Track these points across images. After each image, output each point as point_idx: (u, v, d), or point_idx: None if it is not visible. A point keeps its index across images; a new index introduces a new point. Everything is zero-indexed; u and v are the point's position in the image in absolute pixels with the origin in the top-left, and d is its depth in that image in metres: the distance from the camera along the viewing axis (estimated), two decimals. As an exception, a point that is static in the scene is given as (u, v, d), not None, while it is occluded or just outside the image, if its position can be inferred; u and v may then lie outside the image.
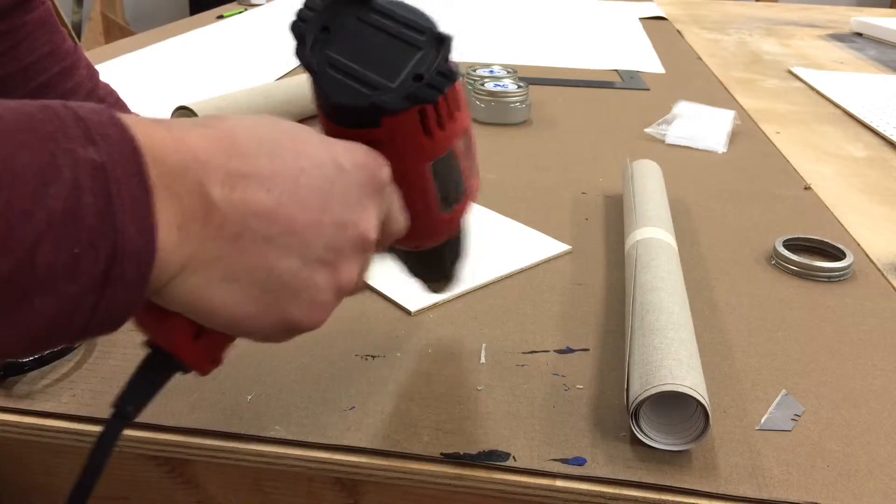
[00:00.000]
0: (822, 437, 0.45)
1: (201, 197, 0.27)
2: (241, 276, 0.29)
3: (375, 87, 0.33)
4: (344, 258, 0.32)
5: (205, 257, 0.28)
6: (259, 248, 0.29)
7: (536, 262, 0.65)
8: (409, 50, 0.34)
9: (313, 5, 0.34)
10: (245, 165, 0.28)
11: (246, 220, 0.28)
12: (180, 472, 0.45)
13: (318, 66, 0.33)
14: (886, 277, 0.65)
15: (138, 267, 0.25)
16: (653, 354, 0.45)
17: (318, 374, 0.49)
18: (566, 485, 0.42)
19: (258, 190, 0.28)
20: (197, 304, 0.28)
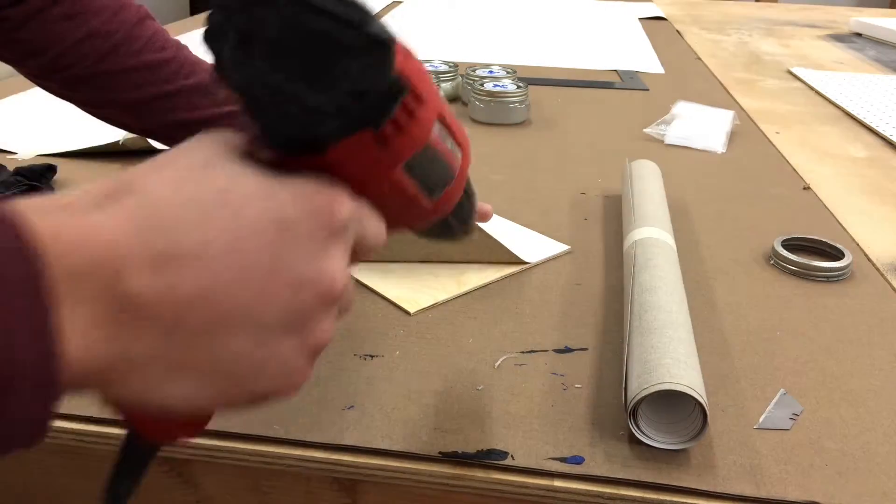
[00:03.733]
0: (821, 436, 0.45)
1: (121, 293, 0.23)
2: (189, 368, 0.25)
3: (312, 111, 0.27)
4: (310, 317, 0.28)
5: (141, 356, 0.24)
6: (202, 337, 0.25)
7: (536, 262, 0.65)
8: (344, 57, 0.27)
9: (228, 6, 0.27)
10: (171, 244, 0.24)
11: (178, 310, 0.24)
12: (179, 472, 0.45)
13: (241, 86, 0.28)
14: (886, 277, 0.65)
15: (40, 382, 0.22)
16: (651, 353, 0.45)
17: (316, 374, 0.49)
18: (565, 485, 0.42)
19: (191, 271, 0.24)
20: (150, 403, 0.25)
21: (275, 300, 0.27)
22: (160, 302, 0.24)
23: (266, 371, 0.27)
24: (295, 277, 0.27)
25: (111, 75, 0.62)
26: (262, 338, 0.27)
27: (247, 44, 0.27)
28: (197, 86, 0.63)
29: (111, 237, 0.24)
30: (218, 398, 0.27)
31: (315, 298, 0.28)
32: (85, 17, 0.61)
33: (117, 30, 0.62)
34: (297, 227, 0.27)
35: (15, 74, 0.67)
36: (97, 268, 0.23)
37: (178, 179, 0.26)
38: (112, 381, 0.24)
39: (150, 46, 0.63)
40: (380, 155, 0.30)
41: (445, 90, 1.13)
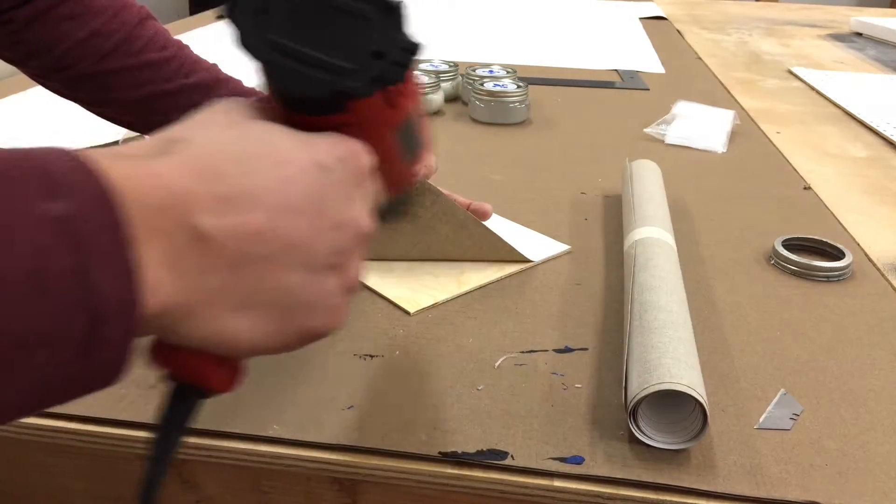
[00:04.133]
0: (821, 435, 0.45)
1: (190, 230, 0.25)
2: (252, 302, 0.28)
3: (335, 72, 0.30)
4: (348, 257, 0.31)
5: (209, 290, 0.26)
6: (263, 271, 0.27)
7: (536, 262, 0.65)
8: (360, 23, 0.30)
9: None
10: (229, 188, 0.27)
11: (242, 245, 0.27)
12: (179, 472, 0.45)
13: (264, 53, 0.30)
14: (886, 277, 0.65)
15: (122, 323, 0.23)
16: (651, 353, 0.45)
17: (316, 374, 0.49)
18: (564, 485, 0.42)
19: (248, 211, 0.27)
20: (215, 338, 0.27)
21: (321, 238, 0.29)
22: (226, 239, 0.26)
23: (315, 306, 0.30)
24: (335, 218, 0.30)
25: (113, 74, 0.62)
26: (312, 274, 0.29)
27: (265, 15, 0.30)
28: (198, 84, 0.64)
29: (178, 180, 0.26)
30: (274, 333, 0.29)
31: (351, 238, 0.31)
32: (87, 17, 0.61)
33: (119, 29, 0.62)
34: (334, 173, 0.30)
35: (15, 74, 0.67)
36: (169, 208, 0.25)
37: (220, 134, 0.29)
38: (184, 316, 0.26)
39: (151, 46, 0.63)
40: (385, 115, 0.33)
41: (445, 90, 1.13)
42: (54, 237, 0.21)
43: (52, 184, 0.22)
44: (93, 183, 0.23)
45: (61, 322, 0.22)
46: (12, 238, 0.21)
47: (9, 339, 0.21)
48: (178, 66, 0.63)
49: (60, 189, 0.22)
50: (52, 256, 0.21)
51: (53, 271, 0.21)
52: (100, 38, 0.61)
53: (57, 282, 0.21)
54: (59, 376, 0.23)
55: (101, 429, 0.45)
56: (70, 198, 0.22)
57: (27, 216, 0.21)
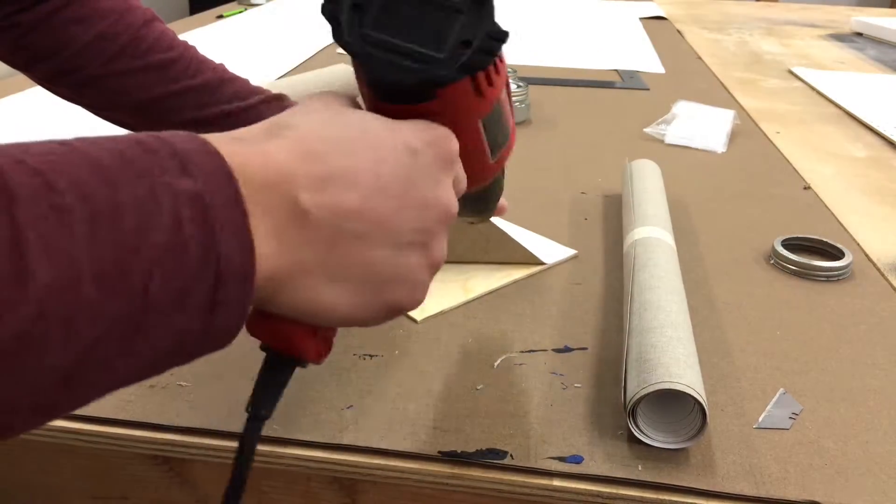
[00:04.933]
0: (820, 435, 0.45)
1: (293, 206, 0.28)
2: (344, 274, 0.30)
3: (424, 61, 0.32)
4: (432, 236, 0.33)
5: (307, 263, 0.28)
6: (355, 246, 0.30)
7: (544, 268, 0.64)
8: (449, 15, 0.32)
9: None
10: (327, 169, 0.29)
11: (338, 221, 0.29)
12: (179, 472, 0.45)
13: (359, 46, 0.32)
14: (886, 277, 0.65)
15: (242, 288, 0.26)
16: (650, 352, 0.45)
17: (316, 373, 0.49)
18: (564, 484, 0.42)
19: (344, 190, 0.29)
20: (309, 307, 0.29)
21: (408, 217, 0.31)
22: (324, 215, 0.28)
23: (400, 280, 0.32)
24: (422, 199, 0.32)
25: (119, 77, 0.62)
26: (398, 250, 0.31)
27: (360, 11, 0.32)
28: (204, 84, 0.64)
29: (284, 161, 0.28)
30: (362, 305, 0.31)
31: (436, 219, 0.33)
32: (93, 20, 0.61)
33: (125, 31, 0.62)
34: (422, 156, 0.32)
35: (15, 74, 0.67)
36: (275, 185, 0.27)
37: (321, 120, 0.31)
38: (283, 286, 0.28)
39: (156, 47, 0.63)
40: (473, 104, 0.34)
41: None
42: (189, 210, 0.24)
43: (185, 162, 0.25)
44: (216, 162, 0.26)
45: (193, 286, 0.24)
46: (159, 210, 0.23)
47: (154, 300, 0.23)
48: (184, 66, 0.63)
49: (191, 167, 0.25)
50: (188, 227, 0.24)
51: (189, 240, 0.24)
52: (106, 40, 0.61)
53: (192, 249, 0.24)
54: (186, 336, 0.25)
55: (102, 428, 0.45)
56: (198, 176, 0.25)
57: (169, 191, 0.24)
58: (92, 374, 0.24)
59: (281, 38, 1.63)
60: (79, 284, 0.22)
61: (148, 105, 0.63)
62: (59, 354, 0.22)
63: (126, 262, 0.22)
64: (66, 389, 0.23)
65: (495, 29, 0.33)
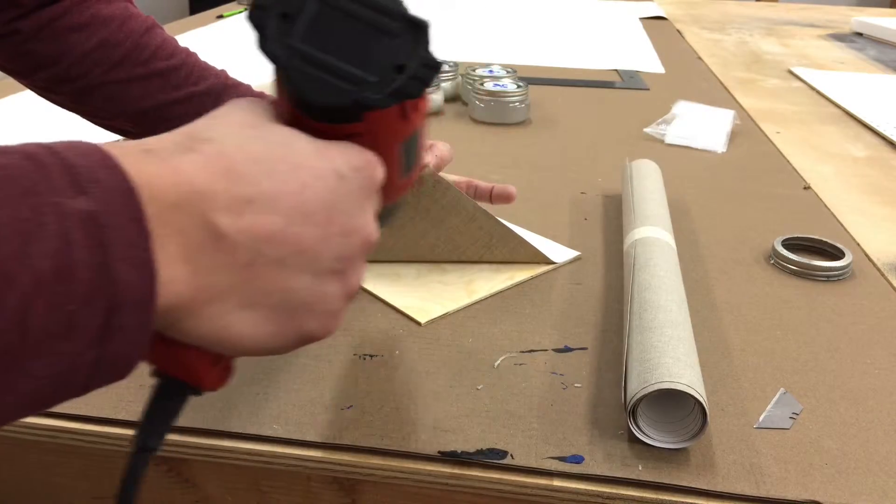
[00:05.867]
0: (821, 435, 0.45)
1: (207, 228, 0.26)
2: (258, 300, 0.28)
3: (355, 82, 0.30)
4: (351, 264, 0.32)
5: (218, 288, 0.27)
6: (273, 272, 0.28)
7: (547, 269, 0.64)
8: (384, 37, 0.31)
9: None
10: (247, 189, 0.27)
11: (257, 246, 0.27)
12: (178, 472, 0.45)
13: (285, 59, 0.30)
14: (886, 277, 0.65)
15: (140, 314, 0.24)
16: (650, 352, 0.45)
17: (316, 374, 0.49)
18: (564, 484, 0.42)
19: (265, 213, 0.27)
20: (216, 335, 0.28)
21: (330, 244, 0.30)
22: (241, 238, 0.27)
23: (315, 309, 0.31)
24: (345, 225, 0.31)
25: (121, 84, 0.62)
26: (316, 277, 0.30)
27: (289, 21, 0.31)
28: (208, 91, 0.63)
29: (197, 179, 0.26)
30: (273, 334, 0.30)
31: (359, 246, 0.32)
32: (94, 27, 0.61)
33: (126, 39, 0.62)
34: (348, 182, 0.31)
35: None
36: (186, 205, 0.26)
37: (243, 135, 0.29)
38: (190, 312, 0.27)
39: (159, 54, 0.63)
40: (397, 128, 0.34)
41: (445, 90, 1.13)
42: (80, 232, 0.22)
43: (79, 179, 0.23)
44: (116, 178, 0.24)
45: (83, 313, 0.22)
46: (44, 233, 0.22)
47: (34, 330, 0.22)
48: (186, 73, 0.63)
49: (86, 185, 0.23)
50: (78, 250, 0.22)
51: (79, 265, 0.22)
52: (108, 48, 0.61)
53: (81, 274, 0.22)
54: (75, 367, 0.23)
55: (102, 428, 0.45)
56: (95, 193, 0.23)
57: (57, 211, 0.22)
58: None
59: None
60: None
61: (150, 113, 0.62)
62: None
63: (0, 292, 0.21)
64: None
65: (430, 57, 0.32)
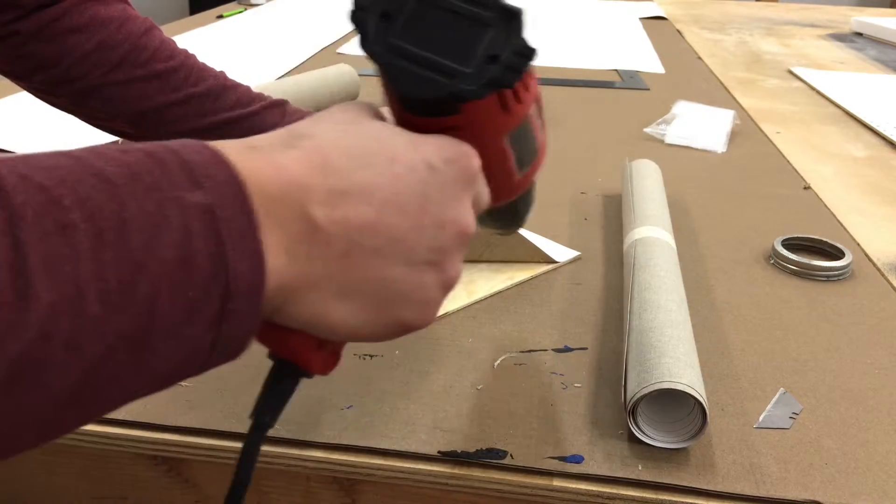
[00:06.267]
0: (821, 434, 0.45)
1: (305, 219, 0.27)
2: (354, 289, 0.29)
3: (450, 75, 0.31)
4: (447, 255, 0.32)
5: (316, 277, 0.28)
6: (367, 261, 0.29)
7: (547, 269, 0.64)
8: (478, 28, 0.32)
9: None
10: (342, 182, 0.28)
11: (351, 236, 0.28)
12: (178, 472, 0.45)
13: (385, 56, 0.31)
14: (886, 277, 0.65)
15: (251, 300, 0.25)
16: (650, 352, 0.45)
17: (316, 374, 0.49)
18: (564, 484, 0.42)
19: (359, 204, 0.28)
20: (315, 321, 0.29)
21: (423, 234, 0.30)
22: (336, 229, 0.28)
23: (412, 298, 0.31)
24: (439, 216, 0.31)
25: (120, 86, 0.62)
26: (412, 267, 0.30)
27: (388, 20, 0.32)
28: (207, 92, 0.63)
29: (297, 173, 0.27)
30: (371, 322, 0.30)
31: (453, 238, 0.32)
32: (93, 28, 0.61)
33: (125, 40, 0.62)
34: (441, 173, 0.31)
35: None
36: (287, 198, 0.27)
37: (340, 131, 0.30)
38: (291, 299, 0.28)
39: (157, 56, 0.63)
40: (498, 120, 0.34)
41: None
42: (199, 223, 0.24)
43: (194, 174, 0.25)
44: (227, 173, 0.25)
45: (202, 300, 0.24)
46: (168, 225, 0.23)
47: (161, 315, 0.23)
48: (185, 75, 0.63)
49: (201, 179, 0.25)
50: (198, 241, 0.24)
51: (198, 254, 0.24)
52: (107, 49, 0.61)
53: (200, 263, 0.24)
54: (196, 349, 0.25)
55: (102, 428, 0.45)
56: (209, 188, 0.25)
57: (178, 205, 0.24)
58: (99, 392, 0.23)
59: (281, 37, 1.63)
60: (83, 304, 0.21)
61: (149, 114, 0.62)
62: (64, 374, 0.22)
63: (132, 280, 0.22)
64: (73, 408, 0.23)
65: (523, 45, 0.32)
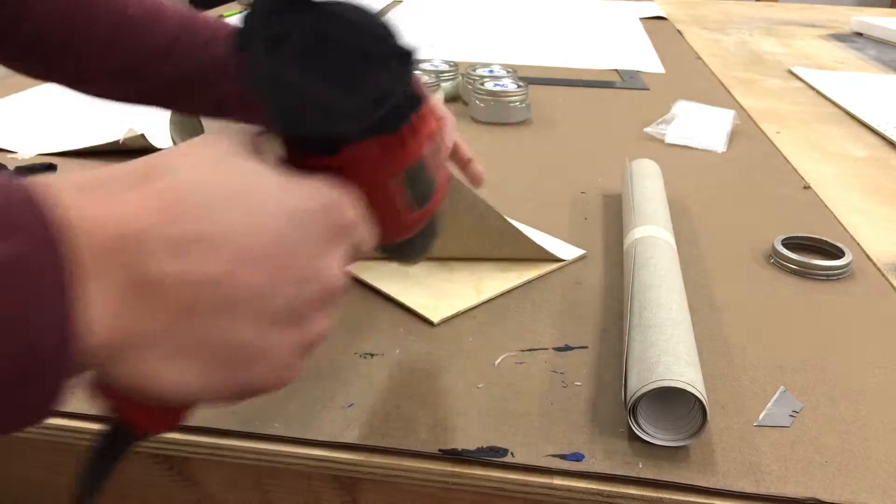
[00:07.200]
0: (821, 433, 0.45)
1: (140, 271, 0.24)
2: (192, 350, 0.26)
3: (331, 113, 0.29)
4: (309, 313, 0.29)
5: (147, 335, 0.25)
6: (211, 320, 0.26)
7: (555, 268, 0.64)
8: (368, 65, 0.29)
9: (259, 10, 0.29)
10: (191, 230, 0.25)
11: (195, 292, 0.25)
12: (179, 470, 0.45)
13: (266, 85, 0.29)
14: (886, 276, 0.65)
15: (57, 361, 0.23)
16: (650, 350, 0.45)
17: (317, 372, 0.49)
18: (564, 482, 0.42)
19: (207, 257, 0.25)
20: (144, 383, 0.26)
21: (282, 291, 0.27)
22: (175, 283, 0.25)
23: (262, 362, 0.28)
24: (302, 272, 0.28)
25: (97, 39, 0.58)
26: (265, 328, 0.27)
27: (276, 46, 0.28)
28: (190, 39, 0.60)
29: (133, 219, 0.24)
30: (211, 386, 0.27)
31: (318, 294, 0.29)
32: None
33: None
34: (311, 224, 0.28)
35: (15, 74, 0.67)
36: (119, 248, 0.24)
37: (203, 168, 0.27)
38: (116, 357, 0.25)
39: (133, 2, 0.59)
40: (385, 161, 0.32)
41: (445, 90, 1.13)
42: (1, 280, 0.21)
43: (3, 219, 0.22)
44: (43, 221, 0.22)
45: None
46: None
47: None
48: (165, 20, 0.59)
49: (9, 228, 0.22)
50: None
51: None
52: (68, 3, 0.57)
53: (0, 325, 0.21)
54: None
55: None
56: (18, 238, 0.22)
57: None
58: None
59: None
60: None
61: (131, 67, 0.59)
62: None
63: None
64: None
65: (412, 92, 0.30)
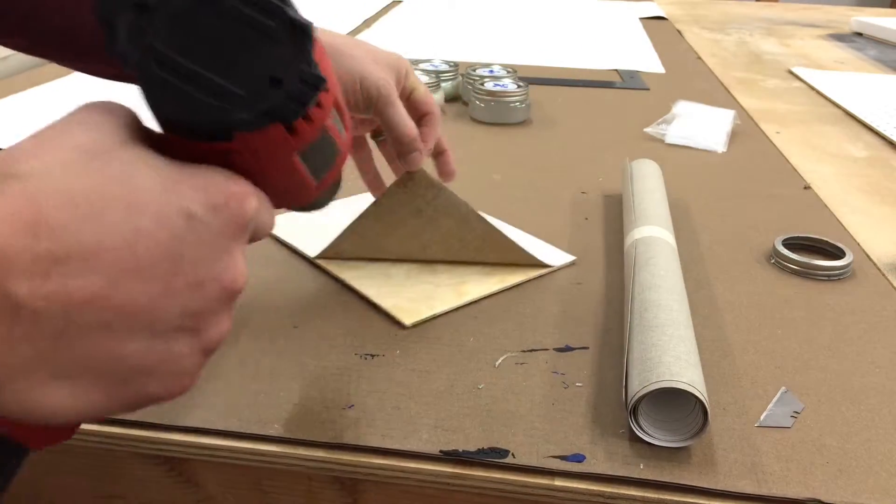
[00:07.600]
0: (822, 433, 0.45)
1: (4, 296, 0.22)
2: (79, 371, 0.24)
3: (220, 96, 0.25)
4: (207, 317, 0.27)
5: (21, 361, 0.23)
6: (93, 339, 0.24)
7: (541, 273, 0.63)
8: (260, 41, 0.25)
9: None
10: (58, 245, 0.22)
11: (69, 313, 0.23)
12: (179, 471, 0.45)
13: (140, 63, 0.24)
14: (886, 276, 0.65)
15: None
16: (651, 351, 0.45)
17: (317, 373, 0.49)
18: (565, 483, 0.42)
19: (81, 273, 0.22)
20: (26, 410, 0.23)
21: (174, 300, 0.25)
22: (47, 306, 0.22)
23: (156, 374, 0.26)
24: (196, 276, 0.26)
25: None
26: (157, 339, 0.25)
27: (146, 14, 0.24)
28: None
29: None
30: (104, 402, 0.25)
31: (215, 296, 0.27)
32: None
33: None
34: (201, 223, 0.25)
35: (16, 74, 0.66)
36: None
37: (67, 166, 0.23)
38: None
39: None
40: (285, 143, 0.29)
41: (445, 90, 1.13)
42: None
43: None
44: None
45: None
46: None
47: None
48: None
49: None
50: None
51: None
52: None
53: None
54: None
55: (102, 428, 0.45)
56: None
57: None
58: None
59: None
60: None
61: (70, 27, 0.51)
62: None
63: None
64: None
65: (311, 72, 0.26)
